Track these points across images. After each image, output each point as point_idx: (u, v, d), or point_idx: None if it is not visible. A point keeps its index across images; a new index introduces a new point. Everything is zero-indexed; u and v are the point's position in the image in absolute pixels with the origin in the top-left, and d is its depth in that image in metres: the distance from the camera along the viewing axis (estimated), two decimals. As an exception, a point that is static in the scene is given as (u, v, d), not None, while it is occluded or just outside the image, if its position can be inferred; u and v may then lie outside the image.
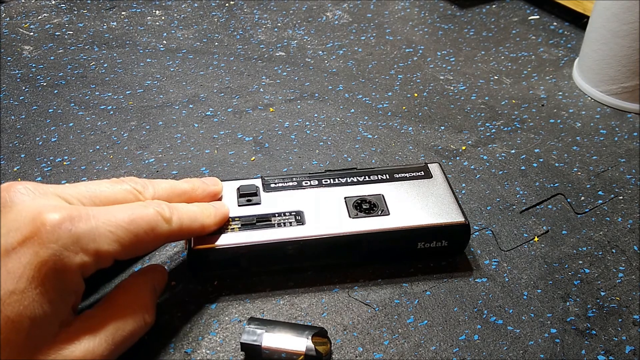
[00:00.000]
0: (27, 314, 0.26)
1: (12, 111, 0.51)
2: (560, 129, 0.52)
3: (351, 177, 0.40)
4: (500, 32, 0.66)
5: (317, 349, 0.31)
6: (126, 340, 0.30)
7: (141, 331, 0.31)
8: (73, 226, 0.28)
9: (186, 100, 0.54)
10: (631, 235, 0.42)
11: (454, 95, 0.56)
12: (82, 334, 0.28)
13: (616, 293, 0.37)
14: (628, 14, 0.50)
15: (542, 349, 0.34)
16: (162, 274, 0.34)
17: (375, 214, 0.37)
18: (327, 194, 0.38)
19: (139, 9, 0.68)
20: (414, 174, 0.40)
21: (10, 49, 0.60)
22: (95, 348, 0.28)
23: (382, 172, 0.40)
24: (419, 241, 0.37)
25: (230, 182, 0.39)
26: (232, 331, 0.34)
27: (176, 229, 0.32)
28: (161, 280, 0.34)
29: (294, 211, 0.37)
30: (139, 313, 0.31)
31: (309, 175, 0.40)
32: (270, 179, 0.39)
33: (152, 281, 0.33)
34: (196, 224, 0.34)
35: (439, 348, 0.34)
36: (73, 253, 0.27)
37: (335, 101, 0.55)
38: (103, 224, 0.29)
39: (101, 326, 0.29)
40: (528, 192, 0.45)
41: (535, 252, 0.40)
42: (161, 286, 0.34)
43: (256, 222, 0.36)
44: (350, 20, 0.68)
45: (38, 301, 0.26)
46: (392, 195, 0.39)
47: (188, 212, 0.33)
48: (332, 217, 0.37)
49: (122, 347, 0.30)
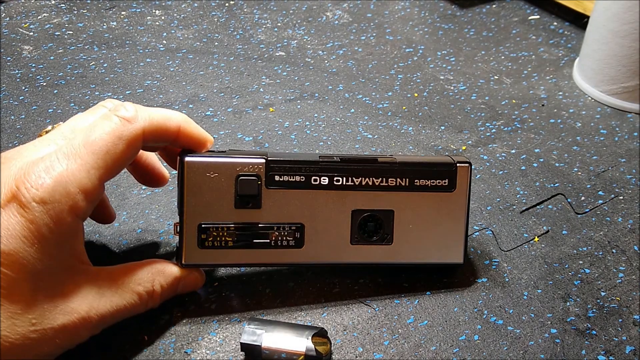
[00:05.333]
0: (28, 271, 0.27)
1: (11, 111, 0.51)
2: (561, 129, 0.52)
3: (367, 176, 0.35)
4: (500, 32, 0.66)
5: (317, 349, 0.31)
6: (126, 312, 0.31)
7: (140, 309, 0.32)
8: (46, 174, 0.28)
9: (186, 100, 0.54)
10: (631, 235, 0.42)
11: (454, 95, 0.56)
12: (90, 289, 0.30)
13: (616, 293, 0.37)
14: (628, 13, 0.50)
15: (543, 349, 0.34)
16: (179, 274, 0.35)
17: (378, 242, 0.36)
18: (334, 203, 0.35)
19: (139, 9, 0.68)
20: (436, 182, 0.35)
21: (10, 48, 0.60)
22: (100, 307, 0.30)
23: (402, 174, 0.35)
24: (416, 268, 0.38)
25: (228, 161, 0.34)
26: (232, 331, 0.34)
27: (147, 125, 0.31)
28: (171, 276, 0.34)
29: (294, 224, 0.34)
30: (144, 292, 0.32)
31: (320, 166, 0.34)
32: (275, 166, 0.34)
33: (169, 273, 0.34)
34: (171, 123, 0.32)
35: (439, 348, 0.34)
36: (56, 203, 0.27)
37: (335, 101, 0.55)
38: (73, 159, 0.28)
39: (110, 288, 0.31)
40: (528, 192, 0.45)
41: (535, 252, 0.40)
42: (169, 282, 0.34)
43: (252, 240, 0.34)
44: (351, 20, 0.68)
45: (37, 258, 0.27)
46: (403, 214, 0.35)
47: (158, 110, 0.32)
48: (333, 240, 0.35)
49: (120, 317, 0.31)
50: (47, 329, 0.28)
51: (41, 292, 0.28)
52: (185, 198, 0.33)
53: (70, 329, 0.29)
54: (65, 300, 0.29)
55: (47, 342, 0.28)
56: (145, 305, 0.33)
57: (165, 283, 0.33)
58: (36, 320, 0.27)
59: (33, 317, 0.27)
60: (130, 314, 0.32)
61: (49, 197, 0.27)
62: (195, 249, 0.34)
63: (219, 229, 0.34)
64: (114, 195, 0.43)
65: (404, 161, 0.35)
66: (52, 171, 0.28)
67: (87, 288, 0.30)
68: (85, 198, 0.29)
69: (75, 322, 0.29)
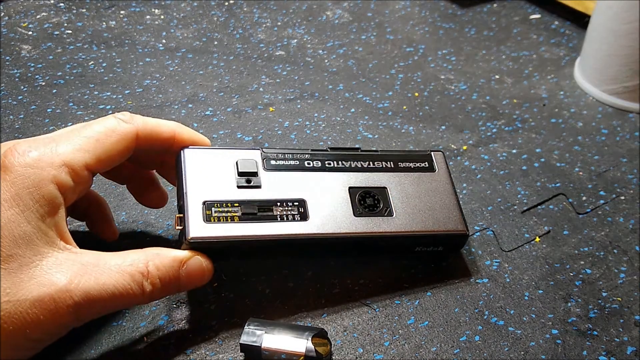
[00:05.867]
0: (6, 233, 0.27)
1: (10, 111, 0.51)
2: (562, 129, 0.52)
3: (355, 161, 0.38)
4: (501, 32, 0.66)
5: (317, 350, 0.31)
6: (118, 295, 0.28)
7: (135, 295, 0.29)
8: (35, 148, 0.29)
9: (185, 99, 0.54)
10: (633, 235, 0.41)
11: (455, 94, 0.56)
12: (72, 265, 0.28)
13: (618, 294, 0.37)
14: (630, 13, 0.50)
15: (544, 349, 0.34)
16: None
17: (380, 214, 0.36)
18: (330, 181, 0.37)
19: (138, 8, 0.68)
20: (417, 164, 0.39)
21: (9, 48, 0.60)
22: (83, 282, 0.27)
23: (386, 159, 0.39)
24: (418, 245, 0.37)
25: (226, 151, 0.36)
26: (231, 332, 0.34)
27: (141, 126, 0.32)
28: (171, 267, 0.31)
29: (296, 200, 0.35)
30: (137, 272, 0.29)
31: (311, 153, 0.37)
32: (270, 154, 0.36)
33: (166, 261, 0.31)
34: (165, 128, 0.33)
35: (440, 349, 0.34)
36: (39, 169, 0.28)
37: (335, 101, 0.54)
38: (64, 140, 0.30)
39: (96, 266, 0.28)
40: (529, 192, 0.45)
41: (536, 253, 0.40)
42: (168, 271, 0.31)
43: (258, 212, 0.34)
44: (351, 19, 0.67)
45: (15, 221, 0.27)
46: (395, 190, 0.38)
47: (153, 118, 0.33)
48: (336, 213, 0.36)
49: (111, 301, 0.28)
50: (21, 300, 0.26)
51: (17, 260, 0.27)
52: (187, 180, 0.34)
53: (48, 303, 0.27)
54: (43, 273, 0.27)
55: (25, 317, 0.26)
56: (141, 289, 0.29)
57: (162, 264, 0.30)
58: (10, 290, 0.26)
59: (7, 286, 0.26)
60: (125, 301, 0.29)
61: (32, 163, 0.28)
62: (201, 223, 0.33)
63: (223, 205, 0.34)
64: (112, 195, 0.43)
65: (386, 152, 0.40)
66: (41, 145, 0.29)
67: (70, 264, 0.28)
68: (69, 173, 0.29)
69: (52, 295, 0.27)
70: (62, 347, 0.33)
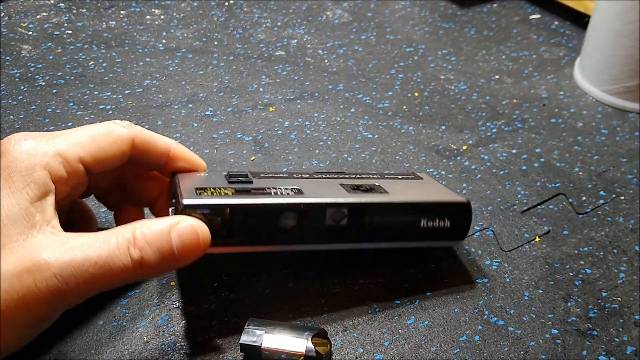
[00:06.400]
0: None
1: (10, 111, 0.51)
2: (562, 129, 0.52)
3: (342, 176, 0.39)
4: (501, 32, 0.66)
5: (317, 350, 0.31)
6: (104, 265, 0.27)
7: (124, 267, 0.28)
8: (32, 138, 0.30)
9: (185, 99, 0.54)
10: (633, 235, 0.41)
11: (455, 94, 0.56)
12: (55, 240, 0.27)
13: (617, 293, 0.37)
14: (630, 13, 0.50)
15: (543, 349, 0.34)
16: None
17: (376, 192, 0.36)
18: (322, 181, 0.37)
19: (138, 8, 0.68)
20: (403, 175, 0.41)
21: (9, 48, 0.60)
22: (64, 253, 0.27)
23: (371, 174, 0.40)
24: (422, 217, 0.36)
25: (217, 171, 0.37)
26: (231, 332, 0.34)
27: (138, 134, 0.33)
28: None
29: (291, 188, 0.35)
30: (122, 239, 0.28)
31: (300, 171, 0.39)
32: (259, 172, 0.37)
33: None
34: (162, 141, 0.34)
35: (440, 349, 0.34)
36: (33, 156, 0.29)
37: (335, 101, 0.54)
38: (62, 135, 0.31)
39: (79, 239, 0.28)
40: (529, 192, 0.45)
41: (536, 253, 0.40)
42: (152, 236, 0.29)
43: (251, 190, 0.33)
44: (351, 19, 0.67)
45: (4, 202, 0.28)
46: (387, 186, 0.38)
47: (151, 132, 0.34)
48: (332, 191, 0.35)
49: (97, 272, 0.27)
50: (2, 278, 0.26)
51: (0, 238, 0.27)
52: (180, 181, 0.34)
53: (25, 279, 0.26)
54: (24, 251, 0.27)
55: (7, 297, 0.26)
56: (128, 256, 0.28)
57: (149, 230, 0.28)
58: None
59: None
60: (113, 271, 0.27)
61: (28, 150, 0.29)
62: (194, 196, 0.32)
63: (216, 189, 0.33)
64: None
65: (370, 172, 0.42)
66: (38, 136, 0.30)
67: (52, 242, 0.27)
68: (62, 163, 0.30)
69: (30, 269, 0.26)
70: (61, 347, 0.33)
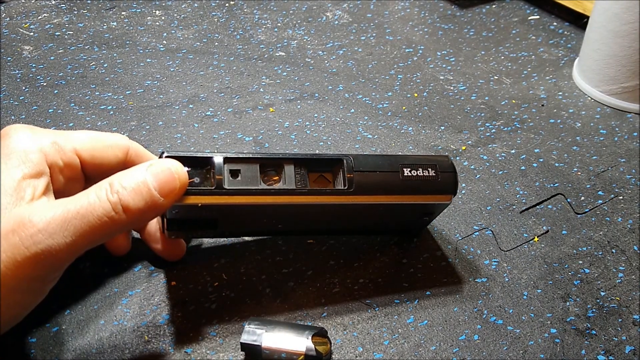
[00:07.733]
0: None
1: (12, 111, 0.51)
2: (560, 129, 0.52)
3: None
4: (500, 32, 0.66)
5: (317, 349, 0.31)
6: (86, 215, 0.28)
7: (99, 216, 0.29)
8: (32, 128, 0.32)
9: (186, 100, 0.54)
10: (631, 235, 0.42)
11: (454, 95, 0.56)
12: (37, 208, 0.28)
13: (616, 293, 0.37)
14: (628, 13, 0.50)
15: (542, 349, 0.34)
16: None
17: None
18: None
19: (139, 9, 0.68)
20: None
21: (11, 49, 0.60)
22: (45, 212, 0.28)
23: None
24: (404, 166, 0.35)
25: None
26: (232, 331, 0.34)
27: (133, 145, 0.35)
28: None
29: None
30: (101, 190, 0.29)
31: None
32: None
33: None
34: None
35: (439, 348, 0.34)
36: (31, 140, 0.31)
37: (335, 101, 0.55)
38: (62, 131, 0.33)
39: (61, 199, 0.29)
40: (528, 192, 0.45)
41: (535, 252, 0.40)
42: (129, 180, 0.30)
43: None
44: (350, 20, 0.68)
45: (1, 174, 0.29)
46: None
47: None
48: None
49: (81, 225, 0.28)
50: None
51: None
52: None
53: (11, 238, 0.27)
54: (11, 214, 0.28)
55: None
56: (107, 201, 0.29)
57: (124, 176, 0.29)
58: None
59: None
60: (95, 217, 0.28)
61: (28, 135, 0.31)
62: None
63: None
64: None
65: None
66: (39, 129, 0.33)
67: (39, 204, 0.29)
68: (58, 152, 0.32)
69: (14, 227, 0.27)
70: (63, 345, 0.33)
